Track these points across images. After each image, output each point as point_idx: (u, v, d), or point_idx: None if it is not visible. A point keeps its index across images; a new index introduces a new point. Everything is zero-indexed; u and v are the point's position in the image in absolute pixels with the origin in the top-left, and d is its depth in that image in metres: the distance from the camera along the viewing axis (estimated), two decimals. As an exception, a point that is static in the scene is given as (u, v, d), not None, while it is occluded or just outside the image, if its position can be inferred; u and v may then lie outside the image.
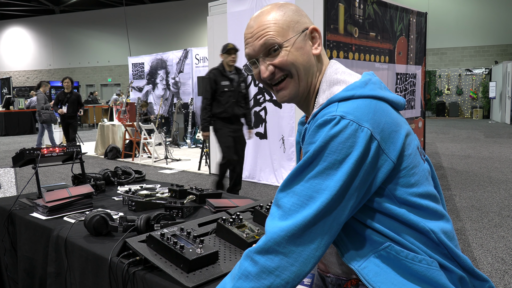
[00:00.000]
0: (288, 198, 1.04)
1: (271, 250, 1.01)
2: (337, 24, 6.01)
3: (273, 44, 1.16)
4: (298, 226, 1.00)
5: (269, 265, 1.00)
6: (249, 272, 1.02)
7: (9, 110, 17.40)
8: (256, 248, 1.03)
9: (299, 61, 1.17)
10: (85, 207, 2.30)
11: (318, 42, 1.20)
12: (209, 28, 7.64)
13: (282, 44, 1.16)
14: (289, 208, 1.03)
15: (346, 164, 1.00)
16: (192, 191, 2.43)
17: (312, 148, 1.03)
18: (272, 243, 1.01)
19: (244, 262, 1.05)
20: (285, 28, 1.16)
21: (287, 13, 1.18)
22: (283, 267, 1.00)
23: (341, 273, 1.22)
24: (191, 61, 12.95)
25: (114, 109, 11.71)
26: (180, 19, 25.49)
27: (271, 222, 1.04)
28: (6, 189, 3.54)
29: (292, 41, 1.16)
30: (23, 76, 29.15)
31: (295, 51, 1.16)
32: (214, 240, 1.67)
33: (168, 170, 8.40)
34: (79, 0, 25.34)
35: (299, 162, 1.06)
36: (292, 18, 1.17)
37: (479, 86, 20.29)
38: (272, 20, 1.17)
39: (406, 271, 1.07)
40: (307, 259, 1.01)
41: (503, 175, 7.01)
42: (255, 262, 1.02)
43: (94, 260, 1.68)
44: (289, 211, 1.02)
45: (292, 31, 1.16)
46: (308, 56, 1.19)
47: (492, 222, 4.62)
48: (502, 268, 3.46)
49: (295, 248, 1.00)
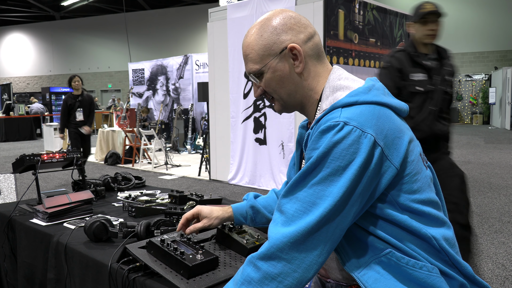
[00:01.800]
0: (291, 204, 1.04)
1: (274, 256, 1.01)
2: (337, 30, 6.03)
3: (254, 71, 1.20)
4: (301, 232, 1.00)
5: (272, 271, 1.01)
6: (251, 278, 1.03)
7: (9, 116, 17.42)
8: (258, 254, 1.04)
9: (277, 85, 1.20)
10: (85, 213, 2.30)
11: (299, 59, 1.17)
12: (209, 34, 7.66)
13: (261, 71, 1.19)
14: (292, 214, 1.03)
15: (349, 170, 1.00)
16: (192, 197, 2.42)
17: (315, 154, 1.03)
18: (275, 249, 1.01)
19: (246, 268, 1.06)
20: (261, 54, 1.18)
21: (265, 35, 1.18)
22: (285, 273, 1.00)
23: (341, 279, 1.22)
24: (191, 67, 12.98)
25: (114, 115, 11.71)
26: (180, 25, 25.57)
27: (274, 228, 1.05)
28: (6, 195, 3.54)
29: (269, 65, 1.18)
30: (23, 82, 29.19)
31: (272, 74, 1.19)
32: (214, 246, 1.66)
33: (168, 176, 8.39)
34: (80, 6, 25.42)
35: (302, 168, 1.06)
36: (268, 41, 1.17)
37: (479, 92, 20.32)
38: (251, 45, 1.19)
39: (407, 277, 1.07)
40: (309, 265, 1.01)
41: (504, 181, 7.00)
42: (258, 268, 1.03)
43: (94, 266, 1.68)
44: (292, 217, 1.02)
45: (269, 55, 1.18)
46: (289, 76, 1.19)
47: (492, 228, 4.61)
48: (503, 274, 3.45)
49: (298, 254, 1.00)
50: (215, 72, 7.59)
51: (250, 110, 6.97)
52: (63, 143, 12.10)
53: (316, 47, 1.20)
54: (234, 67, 7.11)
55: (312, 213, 1.00)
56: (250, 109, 6.96)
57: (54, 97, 20.70)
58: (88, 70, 27.96)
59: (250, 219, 1.59)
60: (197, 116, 12.59)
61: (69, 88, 7.98)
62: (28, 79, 29.25)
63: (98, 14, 27.47)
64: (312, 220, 1.00)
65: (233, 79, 7.15)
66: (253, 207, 1.58)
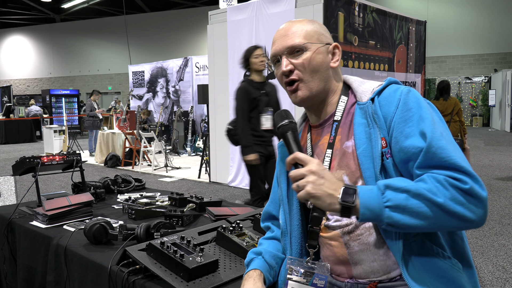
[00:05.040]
0: (444, 141, 1.13)
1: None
2: (337, 32, 6.04)
3: (299, 44, 1.27)
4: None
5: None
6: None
7: (9, 118, 17.42)
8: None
9: (316, 63, 1.27)
10: (85, 215, 2.30)
11: (337, 58, 1.32)
12: (209, 37, 7.67)
13: (306, 47, 1.27)
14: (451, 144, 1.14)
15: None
16: (192, 199, 2.43)
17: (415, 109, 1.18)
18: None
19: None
20: (311, 35, 1.29)
21: (316, 26, 1.32)
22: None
23: (368, 271, 1.22)
24: (191, 69, 12.98)
25: (114, 117, 11.74)
26: (180, 27, 25.58)
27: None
28: (6, 197, 3.54)
29: (315, 47, 1.28)
30: (23, 85, 29.19)
31: (314, 55, 1.27)
32: (214, 249, 1.66)
33: (168, 178, 8.39)
34: (80, 9, 25.43)
35: (428, 117, 1.15)
36: (319, 30, 1.31)
37: (479, 94, 20.32)
38: (302, 26, 1.30)
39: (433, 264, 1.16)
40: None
41: (504, 183, 7.00)
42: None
43: (94, 269, 1.68)
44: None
45: (317, 40, 1.29)
46: (326, 64, 1.29)
47: (492, 230, 4.60)
48: (503, 276, 3.44)
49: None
50: (215, 74, 7.59)
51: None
52: (63, 146, 12.12)
53: None
54: (234, 69, 7.11)
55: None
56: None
57: (54, 99, 20.72)
58: (88, 72, 27.95)
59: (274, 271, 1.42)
60: (197, 118, 12.59)
61: (69, 90, 7.43)
62: (28, 81, 29.26)
63: (98, 16, 27.48)
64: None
65: (233, 81, 7.15)
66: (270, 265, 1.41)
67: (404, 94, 1.19)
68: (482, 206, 1.05)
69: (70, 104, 20.94)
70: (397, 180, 1.10)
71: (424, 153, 1.09)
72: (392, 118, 1.18)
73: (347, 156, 1.24)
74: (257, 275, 1.31)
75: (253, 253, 1.41)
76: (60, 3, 23.58)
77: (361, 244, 1.21)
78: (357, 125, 1.22)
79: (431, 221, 1.05)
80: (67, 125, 13.22)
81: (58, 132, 12.46)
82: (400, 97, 1.19)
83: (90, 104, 11.82)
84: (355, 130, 1.22)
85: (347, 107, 1.29)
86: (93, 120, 11.74)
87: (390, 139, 1.18)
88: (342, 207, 1.08)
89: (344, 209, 1.08)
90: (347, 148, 1.24)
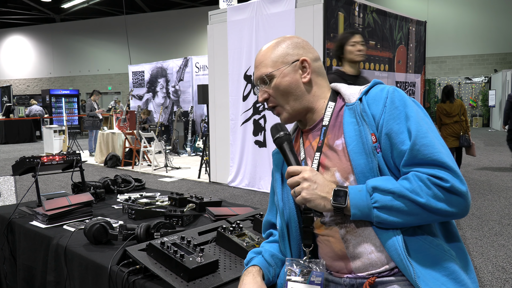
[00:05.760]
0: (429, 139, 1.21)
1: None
2: (337, 32, 6.03)
3: (266, 73, 1.35)
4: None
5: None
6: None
7: (9, 118, 17.41)
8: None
9: (284, 87, 1.34)
10: (85, 215, 2.30)
11: (307, 72, 1.36)
12: (209, 37, 7.67)
13: (272, 74, 1.35)
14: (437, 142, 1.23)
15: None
16: (192, 199, 2.43)
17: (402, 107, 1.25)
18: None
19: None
20: (275, 60, 1.36)
21: (282, 47, 1.37)
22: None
23: (367, 264, 1.24)
24: (191, 69, 12.98)
25: (114, 117, 11.75)
26: (180, 27, 25.57)
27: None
28: (5, 197, 3.54)
29: (279, 72, 1.35)
30: (23, 85, 29.18)
31: (282, 79, 1.34)
32: (214, 249, 1.66)
33: (168, 178, 8.39)
34: (80, 9, 25.42)
35: (418, 116, 1.23)
36: (284, 51, 1.37)
37: (479, 94, 20.33)
38: (267, 54, 1.38)
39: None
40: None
41: (503, 183, 7.00)
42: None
43: (94, 269, 1.68)
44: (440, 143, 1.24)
45: (281, 63, 1.35)
46: (296, 83, 1.35)
47: (492, 230, 4.60)
48: (503, 277, 3.44)
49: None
50: (215, 74, 7.59)
51: (249, 112, 6.98)
52: (63, 146, 12.12)
53: (321, 68, 1.41)
54: (233, 69, 7.11)
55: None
56: (250, 111, 6.97)
57: (54, 99, 20.72)
58: (88, 72, 27.95)
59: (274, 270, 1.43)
60: (197, 119, 12.59)
61: (69, 90, 7.85)
62: (28, 81, 29.25)
63: (98, 16, 27.47)
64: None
65: (232, 81, 7.16)
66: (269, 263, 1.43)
67: (391, 93, 1.27)
68: (463, 200, 1.15)
69: (70, 104, 20.95)
70: (384, 181, 1.19)
71: (409, 151, 1.18)
72: (380, 115, 1.26)
73: (339, 154, 1.29)
74: (256, 271, 1.35)
75: (253, 252, 1.45)
76: (60, 3, 23.58)
77: (357, 236, 1.25)
78: (347, 124, 1.29)
79: (415, 218, 1.17)
80: (67, 125, 13.22)
81: (58, 132, 12.47)
82: (387, 95, 1.26)
83: (90, 104, 11.86)
84: (345, 129, 1.29)
85: (336, 111, 1.36)
86: (93, 120, 11.78)
87: (379, 135, 1.25)
88: (334, 207, 1.20)
89: (336, 209, 1.21)
90: (337, 146, 1.30)
